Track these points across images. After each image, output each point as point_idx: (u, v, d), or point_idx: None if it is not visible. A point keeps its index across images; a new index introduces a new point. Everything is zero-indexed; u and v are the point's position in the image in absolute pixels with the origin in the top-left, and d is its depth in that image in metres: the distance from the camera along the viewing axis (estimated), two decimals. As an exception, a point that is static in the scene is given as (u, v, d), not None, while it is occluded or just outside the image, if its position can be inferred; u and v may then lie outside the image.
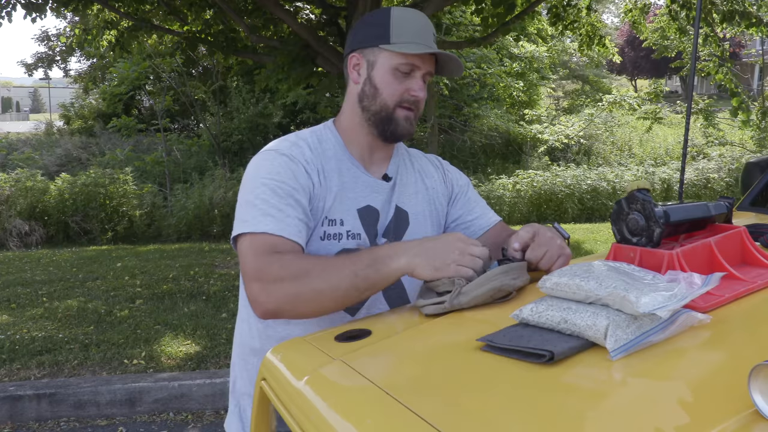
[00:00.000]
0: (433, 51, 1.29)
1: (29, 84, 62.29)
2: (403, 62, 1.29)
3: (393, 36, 1.29)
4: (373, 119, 1.33)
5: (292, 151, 1.29)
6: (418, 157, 1.51)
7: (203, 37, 6.26)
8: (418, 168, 1.47)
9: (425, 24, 1.32)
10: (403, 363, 0.96)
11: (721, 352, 0.87)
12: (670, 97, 25.01)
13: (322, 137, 1.36)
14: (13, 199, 8.25)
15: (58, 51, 16.81)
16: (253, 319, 1.39)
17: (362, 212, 1.33)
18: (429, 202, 1.44)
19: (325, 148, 1.34)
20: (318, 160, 1.31)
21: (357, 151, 1.37)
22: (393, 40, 1.29)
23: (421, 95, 1.31)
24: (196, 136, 13.84)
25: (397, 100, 1.31)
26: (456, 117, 13.12)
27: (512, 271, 1.12)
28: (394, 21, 1.30)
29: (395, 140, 1.36)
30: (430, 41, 1.31)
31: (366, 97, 1.33)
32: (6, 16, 5.66)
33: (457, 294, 1.08)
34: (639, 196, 1.10)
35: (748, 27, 6.93)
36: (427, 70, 1.32)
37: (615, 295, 0.84)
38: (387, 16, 1.32)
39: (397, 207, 1.38)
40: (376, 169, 1.38)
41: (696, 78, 11.97)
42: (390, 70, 1.30)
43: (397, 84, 1.30)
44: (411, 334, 1.06)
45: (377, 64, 1.31)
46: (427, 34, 1.31)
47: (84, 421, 3.31)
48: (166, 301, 4.92)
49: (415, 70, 1.30)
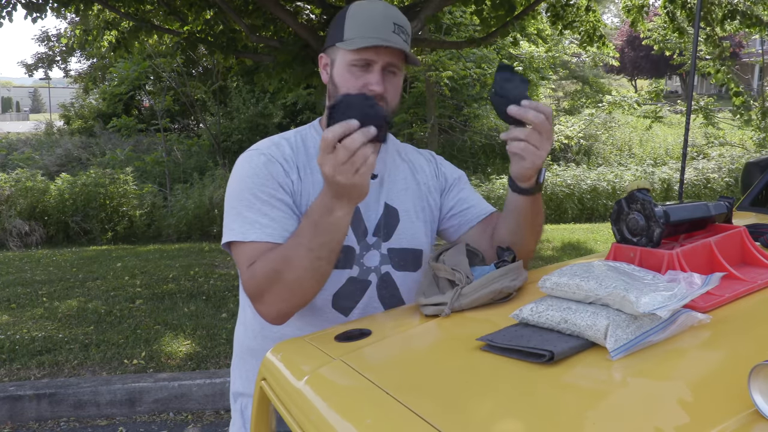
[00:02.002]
0: (382, 44, 1.24)
1: (29, 84, 62.34)
2: (355, 58, 1.26)
3: (346, 32, 1.27)
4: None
5: (271, 151, 1.31)
6: (409, 152, 1.48)
7: (203, 37, 6.26)
8: (408, 164, 1.45)
9: (384, 14, 1.27)
10: (403, 363, 0.96)
11: (721, 352, 0.87)
12: (670, 97, 25.01)
13: (306, 136, 1.37)
14: (13, 199, 8.25)
15: (59, 51, 16.81)
16: (249, 321, 1.40)
17: None
18: (420, 198, 1.42)
19: (308, 146, 1.35)
20: (298, 158, 1.32)
21: None
22: (346, 37, 1.27)
23: (378, 89, 1.26)
24: (196, 136, 13.85)
25: None
26: (456, 117, 13.13)
27: (511, 273, 1.12)
28: (348, 17, 1.28)
29: None
30: (387, 33, 1.26)
31: (330, 95, 1.33)
32: (6, 16, 5.66)
33: (457, 297, 1.08)
34: (639, 196, 1.10)
35: (748, 27, 6.93)
36: (388, 62, 1.27)
37: (615, 294, 0.84)
38: (344, 13, 1.30)
39: (387, 204, 1.37)
40: None
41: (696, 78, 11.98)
42: (346, 68, 1.28)
43: (354, 80, 1.27)
44: (411, 334, 1.06)
45: (336, 63, 1.30)
46: (384, 25, 1.26)
47: (84, 421, 3.31)
48: (166, 301, 4.92)
49: (372, 64, 1.26)
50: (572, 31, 7.23)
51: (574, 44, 7.76)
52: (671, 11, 7.24)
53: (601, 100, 14.96)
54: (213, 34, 6.23)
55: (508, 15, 5.72)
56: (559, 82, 20.19)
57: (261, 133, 12.74)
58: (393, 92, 1.30)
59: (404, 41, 1.29)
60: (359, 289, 1.32)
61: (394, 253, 1.35)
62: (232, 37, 6.18)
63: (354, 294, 1.32)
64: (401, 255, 1.36)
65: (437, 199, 1.45)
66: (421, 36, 7.18)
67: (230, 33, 6.18)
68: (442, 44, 8.72)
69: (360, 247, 1.32)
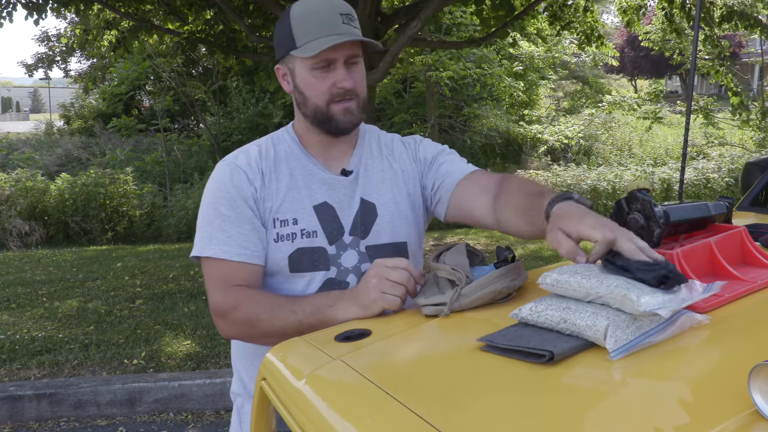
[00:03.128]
0: (338, 41, 1.20)
1: (29, 84, 62.31)
2: (314, 62, 1.24)
3: (297, 39, 1.24)
4: (314, 122, 1.31)
5: (237, 160, 1.33)
6: (390, 140, 1.45)
7: (203, 37, 6.26)
8: (386, 154, 1.41)
9: (328, 8, 1.24)
10: (403, 363, 0.96)
11: (721, 352, 0.87)
12: (670, 97, 25.02)
13: (278, 140, 1.37)
14: (13, 199, 8.25)
15: (59, 51, 16.81)
16: None
17: (319, 209, 1.31)
18: (398, 187, 1.38)
19: (277, 150, 1.35)
20: (264, 163, 1.32)
21: (314, 149, 1.36)
22: (298, 43, 1.24)
23: (348, 84, 1.25)
24: (196, 136, 13.84)
25: (327, 98, 1.27)
26: (456, 117, 13.12)
27: (511, 273, 1.12)
28: (293, 21, 1.25)
29: (343, 133, 1.32)
30: (337, 25, 1.22)
31: (300, 104, 1.32)
32: (7, 17, 5.66)
33: (456, 297, 1.08)
34: (639, 196, 1.10)
35: (747, 28, 6.93)
36: (348, 54, 1.25)
37: (616, 293, 0.84)
38: (287, 18, 1.27)
39: (362, 200, 1.35)
40: (336, 164, 1.36)
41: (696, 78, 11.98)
42: (308, 73, 1.26)
43: (320, 83, 1.26)
44: (411, 334, 1.06)
45: (295, 71, 1.29)
46: (332, 19, 1.23)
47: (84, 421, 3.31)
48: (166, 301, 4.92)
49: (333, 62, 1.24)
50: (570, 32, 7.23)
51: (574, 44, 7.75)
52: (669, 12, 7.24)
53: (601, 100, 14.96)
54: (213, 34, 6.23)
55: (508, 15, 5.72)
56: (559, 82, 20.17)
57: (261, 133, 12.70)
58: (360, 81, 1.30)
59: (356, 28, 1.26)
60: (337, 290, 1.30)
61: (372, 250, 1.33)
62: (232, 37, 6.18)
63: None
64: (381, 251, 1.33)
65: (417, 184, 1.41)
66: (421, 36, 7.17)
67: (230, 33, 6.18)
68: (442, 44, 8.72)
69: (336, 248, 1.31)
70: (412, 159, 1.43)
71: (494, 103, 13.55)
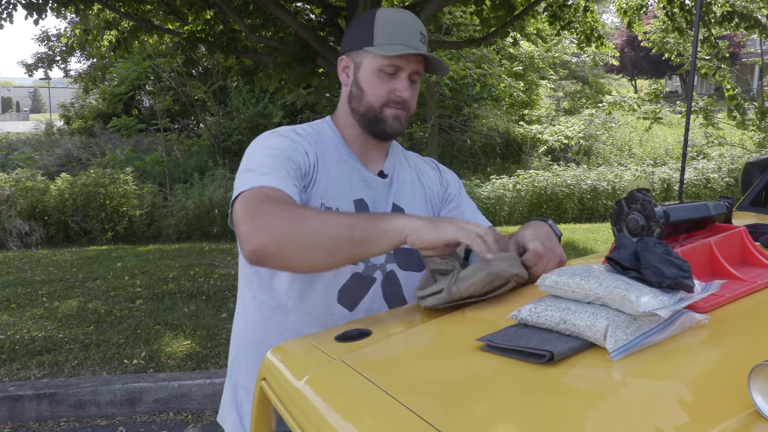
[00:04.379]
0: (414, 52, 1.29)
1: (29, 84, 62.34)
2: (386, 63, 1.30)
3: (376, 38, 1.30)
4: (362, 120, 1.35)
5: (290, 134, 1.34)
6: (414, 157, 1.53)
7: (203, 37, 6.26)
8: (414, 167, 1.49)
9: (411, 24, 1.32)
10: (403, 363, 0.96)
11: (721, 352, 0.87)
12: (670, 97, 25.02)
13: (321, 130, 1.40)
14: (13, 199, 8.25)
15: (58, 51, 16.81)
16: (251, 313, 1.40)
17: (357, 204, 1.35)
18: (425, 200, 1.46)
19: (323, 139, 1.37)
20: (317, 145, 1.35)
21: (354, 146, 1.39)
22: (376, 42, 1.30)
23: (406, 95, 1.32)
24: (196, 136, 13.84)
25: (383, 101, 1.32)
26: (456, 117, 13.13)
27: (507, 260, 1.11)
28: (378, 23, 1.31)
29: (386, 138, 1.38)
30: (416, 41, 1.31)
31: (354, 98, 1.35)
32: (7, 17, 5.66)
33: (454, 281, 1.07)
34: (639, 196, 1.10)
35: (747, 29, 6.93)
36: (414, 70, 1.32)
37: (615, 294, 0.84)
38: (372, 18, 1.33)
39: (395, 204, 1.40)
40: (372, 165, 1.40)
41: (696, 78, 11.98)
42: (374, 72, 1.31)
43: (382, 85, 1.31)
44: (411, 334, 1.06)
45: (362, 66, 1.33)
46: (413, 34, 1.31)
47: (84, 421, 3.31)
48: (166, 301, 4.92)
49: (400, 70, 1.31)
50: (570, 32, 7.23)
51: (574, 44, 7.74)
52: (670, 11, 7.24)
53: (601, 100, 14.96)
54: (213, 34, 6.24)
55: (508, 15, 5.73)
56: (559, 82, 20.19)
57: (261, 133, 12.73)
58: (413, 98, 1.36)
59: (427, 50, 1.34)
60: (364, 285, 1.33)
61: (400, 251, 1.36)
62: (232, 37, 6.18)
63: (358, 290, 1.33)
64: (407, 254, 1.37)
65: (439, 205, 1.49)
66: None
67: (230, 33, 6.18)
68: (442, 44, 8.72)
69: None
70: (438, 180, 1.51)
71: (494, 103, 13.56)
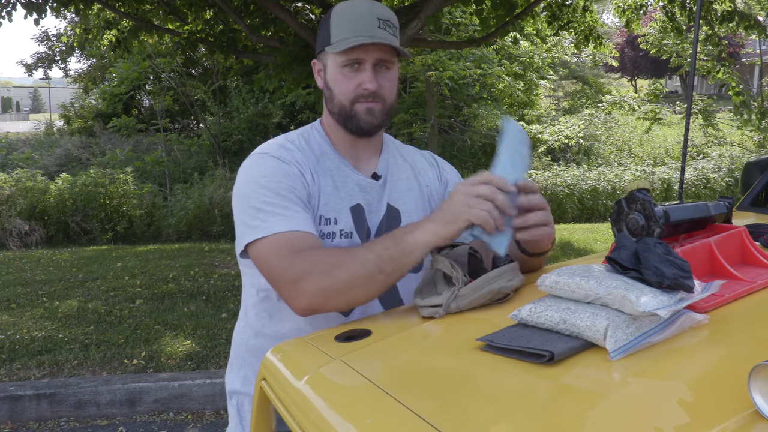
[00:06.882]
0: (368, 41, 1.24)
1: (29, 84, 62.34)
2: (344, 59, 1.28)
3: (332, 35, 1.28)
4: (338, 119, 1.34)
5: (281, 154, 1.30)
6: (411, 153, 1.50)
7: (203, 37, 6.25)
8: (411, 165, 1.46)
9: (365, 12, 1.27)
10: (403, 363, 0.96)
11: (721, 352, 0.87)
12: (670, 97, 25.01)
13: (310, 138, 1.38)
14: (13, 199, 8.25)
15: (58, 51, 16.81)
16: (251, 320, 1.40)
17: (354, 210, 1.34)
18: (422, 199, 1.44)
19: (313, 148, 1.36)
20: (308, 160, 1.33)
21: (343, 149, 1.37)
22: (333, 40, 1.28)
23: (372, 86, 1.28)
24: (196, 136, 13.84)
25: (351, 97, 1.29)
26: (456, 117, 13.12)
27: (507, 273, 1.12)
28: (333, 20, 1.30)
29: (364, 134, 1.34)
30: (373, 29, 1.26)
31: (328, 100, 1.35)
32: (6, 16, 5.65)
33: (454, 297, 1.08)
34: (639, 196, 1.10)
35: (746, 29, 6.93)
36: (378, 58, 1.28)
37: (615, 294, 0.84)
38: (329, 16, 1.31)
39: (389, 205, 1.38)
40: (364, 166, 1.39)
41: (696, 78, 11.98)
42: (337, 70, 1.29)
43: (347, 81, 1.29)
44: (411, 334, 1.06)
45: (327, 67, 1.32)
46: (369, 22, 1.26)
47: (84, 421, 3.31)
48: (166, 301, 4.92)
49: (363, 62, 1.28)
50: (569, 32, 7.22)
51: (573, 44, 7.74)
52: (670, 11, 7.24)
53: (601, 100, 14.96)
54: (213, 34, 6.23)
55: (507, 15, 5.72)
56: (559, 82, 20.19)
57: (261, 133, 12.74)
58: (389, 87, 1.32)
59: (392, 35, 1.29)
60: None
61: None
62: (232, 37, 6.18)
63: None
64: None
65: (438, 204, 1.46)
66: (421, 36, 7.17)
67: (230, 33, 6.18)
68: (442, 44, 8.72)
69: None
70: (437, 177, 1.48)
71: (494, 103, 13.55)
